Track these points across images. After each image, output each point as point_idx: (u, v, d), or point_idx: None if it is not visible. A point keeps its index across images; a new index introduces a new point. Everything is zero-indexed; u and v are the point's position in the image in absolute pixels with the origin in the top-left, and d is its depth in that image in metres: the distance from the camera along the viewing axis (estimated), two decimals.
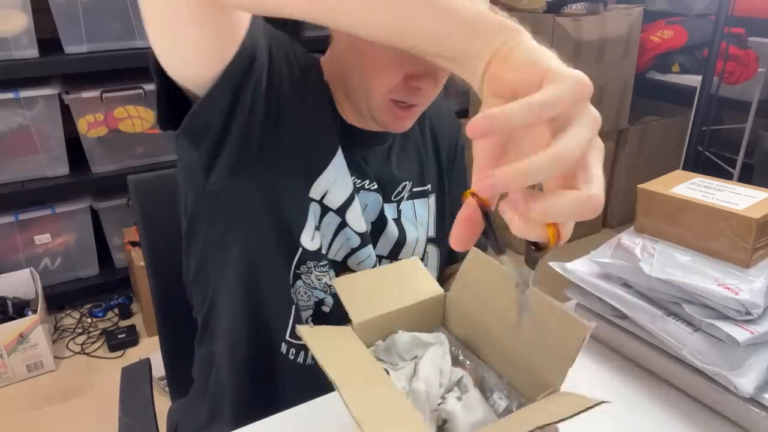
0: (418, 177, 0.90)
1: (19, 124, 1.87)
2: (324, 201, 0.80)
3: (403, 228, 0.88)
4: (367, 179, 0.84)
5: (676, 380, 0.78)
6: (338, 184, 0.80)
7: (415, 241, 0.90)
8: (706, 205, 0.79)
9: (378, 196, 0.84)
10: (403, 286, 0.73)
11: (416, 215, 0.90)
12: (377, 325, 0.71)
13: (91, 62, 1.88)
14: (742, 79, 2.45)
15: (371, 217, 0.85)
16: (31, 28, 1.77)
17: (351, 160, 0.81)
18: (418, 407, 0.63)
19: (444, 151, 0.95)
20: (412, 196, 0.89)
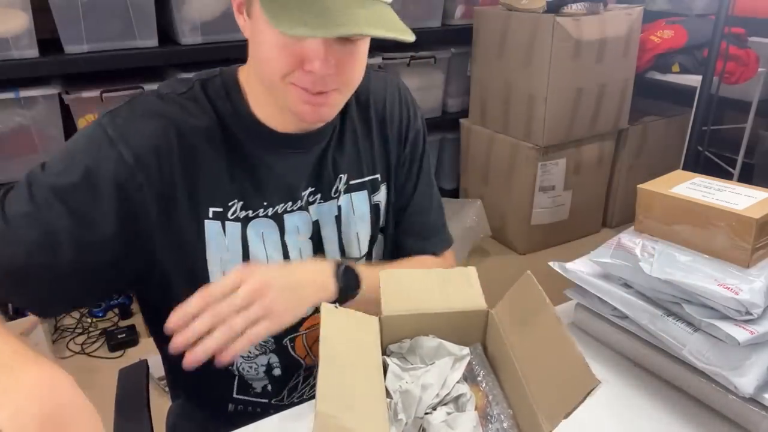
0: (355, 169, 0.87)
1: (19, 124, 1.87)
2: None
3: (342, 225, 0.87)
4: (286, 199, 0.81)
5: (676, 380, 0.78)
6: (226, 260, 0.78)
7: (356, 236, 0.88)
8: (706, 205, 0.79)
9: (305, 213, 0.83)
10: (447, 293, 0.72)
11: (354, 209, 0.87)
12: (407, 323, 0.70)
13: (91, 62, 1.88)
14: (742, 79, 2.45)
15: (307, 234, 0.84)
16: (31, 28, 1.77)
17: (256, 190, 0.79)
18: (404, 409, 0.63)
19: (394, 138, 0.91)
20: (349, 189, 0.87)
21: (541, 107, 2.38)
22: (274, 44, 0.68)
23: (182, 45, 1.99)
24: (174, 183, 0.74)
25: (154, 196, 0.73)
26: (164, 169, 0.73)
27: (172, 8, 1.94)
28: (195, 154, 0.75)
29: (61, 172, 0.70)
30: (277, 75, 0.70)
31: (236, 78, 0.80)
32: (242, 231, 0.79)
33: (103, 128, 0.72)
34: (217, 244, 0.78)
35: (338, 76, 0.71)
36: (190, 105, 0.76)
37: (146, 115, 0.74)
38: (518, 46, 2.41)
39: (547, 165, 2.49)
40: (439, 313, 0.70)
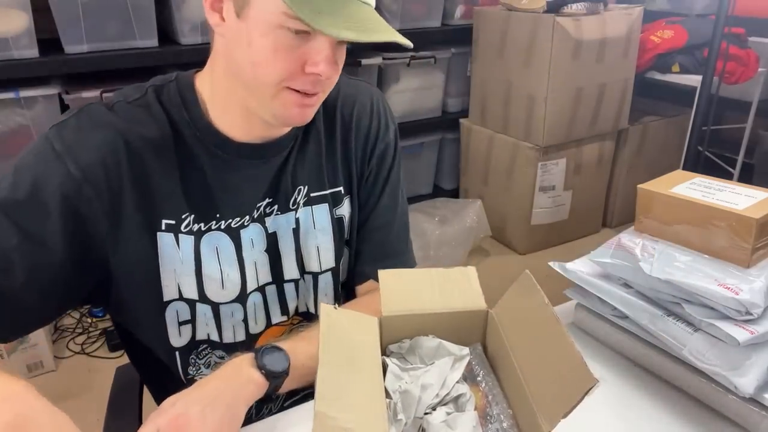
0: (315, 181, 0.84)
1: (19, 124, 1.87)
2: (184, 296, 0.78)
3: (300, 238, 0.84)
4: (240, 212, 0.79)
5: (676, 380, 0.78)
6: (180, 272, 0.77)
7: (316, 249, 0.86)
8: (706, 205, 0.79)
9: (258, 225, 0.81)
10: (447, 293, 0.72)
11: (315, 222, 0.85)
12: (406, 323, 0.70)
13: (91, 62, 1.88)
14: (742, 79, 2.45)
15: (262, 246, 0.82)
16: (31, 28, 1.77)
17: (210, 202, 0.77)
18: (404, 409, 0.63)
19: (358, 151, 0.87)
20: (309, 201, 0.84)
21: (541, 107, 2.38)
22: (274, 48, 0.66)
23: (182, 45, 1.99)
24: (123, 196, 0.72)
25: (104, 209, 0.71)
26: (113, 182, 0.71)
27: (172, 8, 1.94)
28: (144, 166, 0.73)
29: (8, 188, 0.68)
30: (275, 80, 0.68)
31: (192, 84, 0.78)
32: (195, 244, 0.77)
33: (50, 142, 0.70)
34: (170, 257, 0.76)
35: (330, 80, 0.71)
36: (141, 113, 0.74)
37: (93, 127, 0.72)
38: (518, 46, 2.41)
39: (547, 165, 2.49)
40: (439, 313, 0.70)
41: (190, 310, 0.79)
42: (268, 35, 0.66)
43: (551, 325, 0.61)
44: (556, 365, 0.59)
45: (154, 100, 0.75)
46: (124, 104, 0.75)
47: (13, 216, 0.67)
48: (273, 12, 0.64)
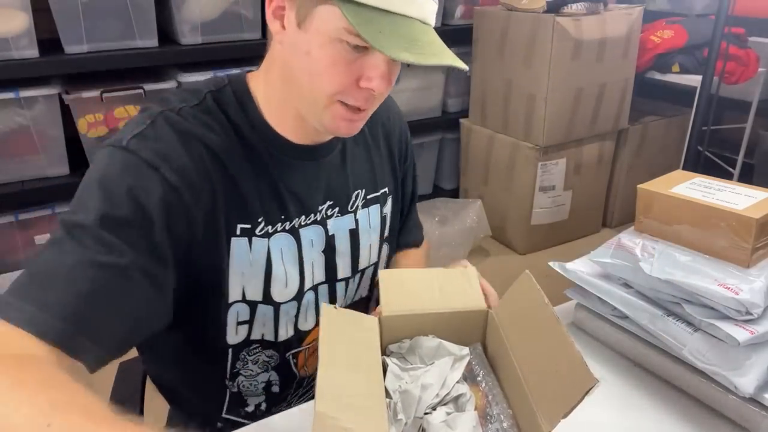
0: (370, 183, 0.89)
1: (19, 124, 1.87)
2: (247, 298, 0.78)
3: (358, 238, 0.87)
4: (304, 212, 0.81)
5: (676, 380, 0.78)
6: (248, 275, 0.77)
7: (369, 248, 0.89)
8: (706, 205, 0.79)
9: (319, 227, 0.83)
10: (447, 293, 0.72)
11: (370, 223, 0.89)
12: (407, 323, 0.70)
13: (91, 62, 1.88)
14: (742, 79, 2.45)
15: (320, 247, 0.83)
16: (31, 28, 1.77)
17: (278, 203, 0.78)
18: (404, 409, 0.63)
19: (396, 151, 0.93)
20: (366, 204, 0.88)
21: (541, 107, 2.38)
22: (332, 61, 0.67)
23: (182, 45, 1.99)
24: (214, 200, 0.72)
25: (201, 215, 0.71)
26: (205, 187, 0.71)
27: (172, 8, 1.94)
28: (226, 170, 0.73)
29: (103, 205, 0.64)
30: (329, 92, 0.69)
31: (247, 87, 0.78)
32: (267, 247, 0.78)
33: (135, 154, 0.67)
34: (241, 260, 0.76)
35: (383, 94, 0.72)
36: (208, 119, 0.74)
37: (176, 135, 0.70)
38: (518, 46, 2.41)
39: (547, 165, 2.49)
40: (439, 313, 0.70)
41: (251, 311, 0.79)
42: (326, 47, 0.66)
43: (551, 324, 0.61)
44: (556, 365, 0.59)
45: (214, 105, 0.75)
46: (189, 109, 0.73)
47: (118, 232, 0.64)
48: (334, 25, 0.65)
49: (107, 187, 0.66)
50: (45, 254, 0.63)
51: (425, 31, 0.67)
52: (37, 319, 0.58)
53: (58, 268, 0.62)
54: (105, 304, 0.62)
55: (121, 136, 0.70)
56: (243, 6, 2.02)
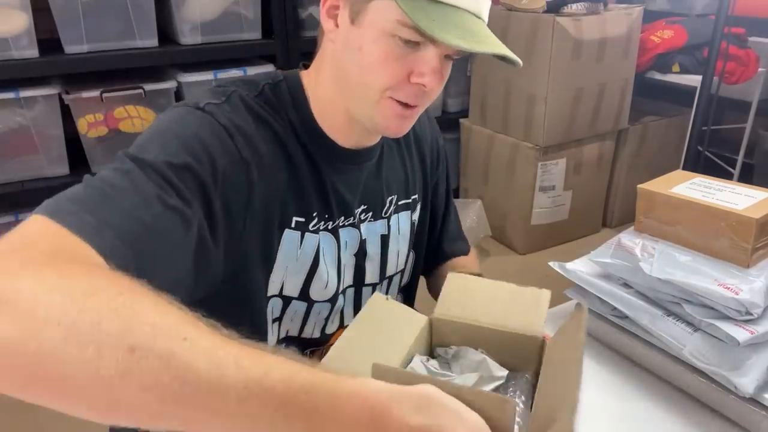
0: (402, 190, 0.89)
1: (19, 124, 1.87)
2: (284, 293, 0.78)
3: (388, 244, 0.87)
4: (344, 213, 0.80)
5: (676, 380, 0.78)
6: (291, 270, 0.77)
7: (396, 254, 0.89)
8: (706, 205, 0.79)
9: (354, 230, 0.83)
10: (508, 311, 0.67)
11: (400, 229, 0.89)
12: (456, 330, 0.67)
13: (91, 62, 1.87)
14: (742, 79, 2.45)
15: (353, 250, 0.84)
16: (31, 28, 1.77)
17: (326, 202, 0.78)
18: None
19: (428, 157, 0.93)
20: (397, 209, 0.88)
21: (541, 107, 2.38)
22: (384, 55, 0.67)
23: (182, 45, 1.98)
24: (277, 186, 0.72)
25: (262, 196, 0.70)
26: (273, 169, 0.71)
27: (172, 8, 1.94)
28: (289, 159, 0.74)
29: (175, 152, 0.62)
30: (381, 86, 0.69)
31: (301, 84, 0.77)
32: (318, 243, 0.78)
33: (213, 116, 0.67)
34: (289, 254, 0.76)
35: (434, 92, 0.72)
36: (269, 109, 0.74)
37: (250, 114, 0.71)
38: (518, 46, 2.40)
39: (547, 165, 2.49)
40: (492, 329, 0.66)
41: (283, 306, 0.79)
42: (378, 42, 0.67)
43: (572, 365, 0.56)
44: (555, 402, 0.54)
45: (272, 97, 0.75)
46: (253, 98, 0.73)
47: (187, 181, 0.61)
48: (388, 19, 0.65)
49: (181, 135, 0.64)
50: (107, 175, 0.58)
51: (477, 23, 0.68)
52: (100, 233, 0.51)
53: (124, 191, 0.57)
54: (161, 245, 0.57)
55: (197, 101, 0.68)
56: (243, 6, 2.02)
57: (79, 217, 0.52)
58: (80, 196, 0.55)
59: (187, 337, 0.41)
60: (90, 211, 0.53)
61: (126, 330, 0.40)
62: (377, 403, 0.40)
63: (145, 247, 0.55)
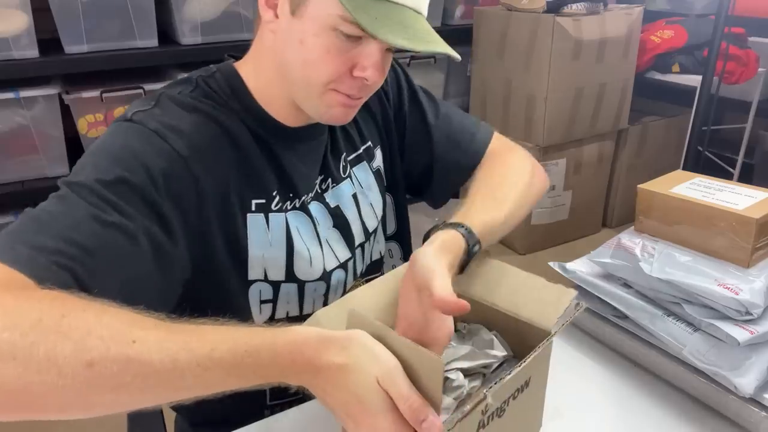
0: (350, 145, 0.88)
1: (19, 124, 1.87)
2: (269, 278, 0.77)
3: (358, 201, 0.87)
4: (309, 189, 0.81)
5: (676, 380, 0.78)
6: (269, 257, 0.76)
7: (370, 206, 0.89)
8: (706, 205, 0.79)
9: (317, 203, 0.82)
10: (530, 301, 0.68)
11: (362, 183, 0.88)
12: (475, 308, 0.69)
13: (91, 62, 1.87)
14: (742, 79, 2.45)
15: (329, 223, 0.83)
16: (31, 28, 1.77)
17: (286, 180, 0.78)
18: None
19: (374, 102, 0.90)
20: (351, 164, 0.87)
21: (541, 107, 2.38)
22: (325, 49, 0.67)
23: (182, 45, 1.98)
24: (227, 173, 0.72)
25: (212, 187, 0.70)
26: (216, 159, 0.71)
27: (172, 8, 1.94)
28: (235, 144, 0.74)
29: (107, 169, 0.62)
30: (323, 80, 0.69)
31: (237, 73, 0.78)
32: (285, 221, 0.78)
33: (141, 124, 0.67)
34: (259, 237, 0.75)
35: (376, 84, 0.72)
36: (207, 101, 0.74)
37: (186, 110, 0.71)
38: (518, 46, 2.40)
39: (547, 165, 2.49)
40: (505, 314, 0.69)
41: (273, 290, 0.79)
42: (320, 36, 0.67)
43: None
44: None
45: (208, 89, 0.75)
46: (188, 93, 0.73)
47: (123, 194, 0.62)
48: (329, 14, 0.65)
49: (110, 151, 0.65)
50: (44, 204, 0.60)
51: (418, 19, 0.68)
52: (33, 260, 0.54)
53: (58, 216, 0.58)
54: (105, 261, 0.58)
55: (125, 114, 0.69)
56: (243, 6, 2.02)
57: (12, 248, 0.54)
58: (16, 228, 0.57)
59: (135, 339, 0.47)
60: (23, 242, 0.55)
61: (79, 350, 0.45)
62: (308, 347, 0.49)
63: (88, 265, 0.57)
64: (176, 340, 0.48)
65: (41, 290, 0.51)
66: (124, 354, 0.46)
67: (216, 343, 0.48)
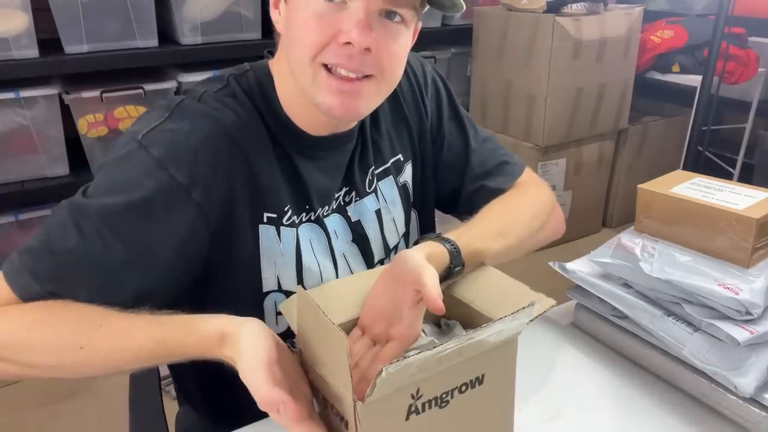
0: (378, 157, 0.86)
1: (19, 124, 1.87)
2: (283, 287, 0.78)
3: (382, 217, 0.86)
4: (326, 202, 0.80)
5: (676, 380, 0.78)
6: (281, 264, 0.77)
7: (393, 222, 0.87)
8: (706, 205, 0.79)
9: (338, 216, 0.82)
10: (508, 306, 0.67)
11: (386, 197, 0.87)
12: (457, 307, 0.71)
13: (91, 62, 1.87)
14: (742, 79, 2.45)
15: (347, 237, 0.82)
16: (31, 28, 1.77)
17: (302, 193, 0.77)
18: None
19: (411, 113, 0.88)
20: (378, 178, 0.86)
21: (541, 107, 2.38)
22: (308, 17, 0.66)
23: (182, 45, 1.98)
24: (233, 192, 0.71)
25: (214, 210, 0.70)
26: (222, 181, 0.70)
27: (172, 8, 1.94)
28: (248, 158, 0.72)
29: (108, 196, 0.67)
30: (309, 51, 0.66)
31: (269, 73, 0.76)
32: (296, 237, 0.77)
33: (146, 150, 0.67)
34: (271, 249, 0.75)
35: (375, 59, 0.67)
36: (231, 103, 0.73)
37: (193, 127, 0.69)
38: (518, 46, 2.41)
39: (547, 165, 2.49)
40: (481, 314, 0.69)
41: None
42: (302, 9, 0.66)
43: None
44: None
45: (238, 88, 0.74)
46: (213, 94, 0.73)
47: (117, 226, 0.66)
48: None
49: (113, 177, 0.68)
50: (50, 225, 0.68)
51: None
52: (27, 285, 0.66)
53: (56, 246, 0.66)
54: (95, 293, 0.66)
55: (139, 128, 0.70)
56: (243, 6, 2.01)
57: (18, 274, 0.67)
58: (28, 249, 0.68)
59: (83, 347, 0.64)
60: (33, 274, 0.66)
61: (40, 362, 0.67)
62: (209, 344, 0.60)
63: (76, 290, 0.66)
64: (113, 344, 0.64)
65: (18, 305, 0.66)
66: (75, 360, 0.65)
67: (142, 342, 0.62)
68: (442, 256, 0.70)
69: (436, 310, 0.60)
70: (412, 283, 0.61)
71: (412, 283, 0.61)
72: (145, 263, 0.67)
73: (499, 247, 0.77)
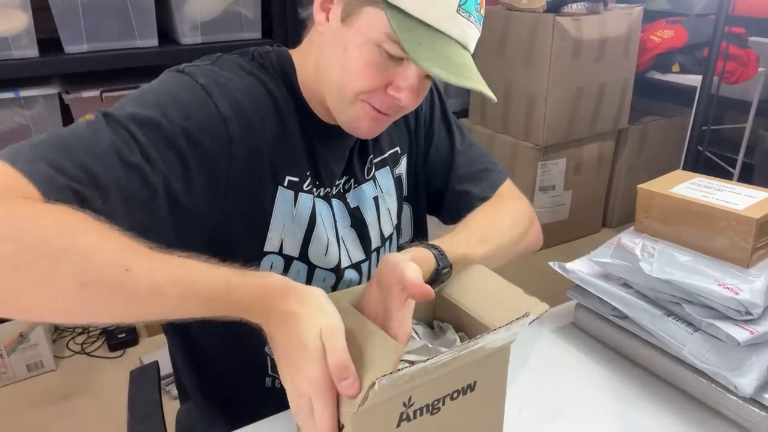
0: (376, 147, 0.88)
1: (19, 124, 1.87)
2: (284, 251, 0.78)
3: (379, 204, 0.87)
4: (331, 184, 0.81)
5: (676, 380, 0.78)
6: (289, 229, 0.77)
7: (388, 212, 0.89)
8: (706, 205, 0.79)
9: (338, 201, 0.83)
10: (500, 309, 0.68)
11: (382, 187, 0.89)
12: (449, 309, 0.71)
13: (91, 62, 1.87)
14: (742, 79, 2.45)
15: (346, 222, 0.84)
16: (31, 28, 1.77)
17: (316, 169, 0.79)
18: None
19: (412, 113, 0.89)
20: (376, 167, 0.88)
21: (541, 107, 2.38)
22: (367, 61, 0.68)
23: (182, 45, 1.99)
24: (262, 143, 0.73)
25: (245, 153, 0.71)
26: (257, 125, 0.72)
27: (172, 8, 1.94)
28: (282, 117, 0.75)
29: (146, 109, 0.64)
30: (357, 89, 0.70)
31: (290, 59, 0.79)
32: (312, 205, 0.79)
33: (191, 77, 0.69)
34: (284, 212, 0.76)
35: (408, 107, 0.73)
36: (261, 69, 0.76)
37: (240, 72, 0.73)
38: (518, 46, 2.41)
39: (547, 165, 2.49)
40: (472, 317, 0.69)
41: (285, 265, 0.79)
42: (363, 48, 0.68)
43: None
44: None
45: (263, 61, 0.77)
46: (248, 60, 0.76)
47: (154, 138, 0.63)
48: (377, 29, 0.66)
49: (154, 94, 0.67)
50: (74, 127, 0.62)
51: (462, 54, 0.69)
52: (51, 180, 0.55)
53: (84, 143, 0.59)
54: (115, 200, 0.59)
55: (178, 66, 0.71)
56: (243, 6, 2.02)
57: (33, 162, 0.56)
58: (41, 142, 0.58)
59: (129, 268, 0.51)
60: (45, 159, 0.56)
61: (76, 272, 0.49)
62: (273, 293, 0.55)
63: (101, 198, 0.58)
64: (165, 271, 0.52)
65: (48, 204, 0.53)
66: (117, 281, 0.50)
67: (198, 277, 0.54)
68: (427, 259, 0.70)
69: (424, 296, 0.59)
70: (397, 282, 0.61)
71: (397, 282, 0.61)
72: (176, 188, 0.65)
73: (483, 253, 0.78)
